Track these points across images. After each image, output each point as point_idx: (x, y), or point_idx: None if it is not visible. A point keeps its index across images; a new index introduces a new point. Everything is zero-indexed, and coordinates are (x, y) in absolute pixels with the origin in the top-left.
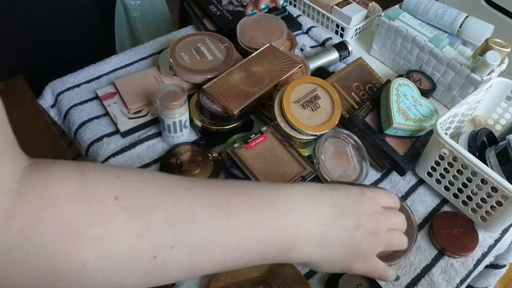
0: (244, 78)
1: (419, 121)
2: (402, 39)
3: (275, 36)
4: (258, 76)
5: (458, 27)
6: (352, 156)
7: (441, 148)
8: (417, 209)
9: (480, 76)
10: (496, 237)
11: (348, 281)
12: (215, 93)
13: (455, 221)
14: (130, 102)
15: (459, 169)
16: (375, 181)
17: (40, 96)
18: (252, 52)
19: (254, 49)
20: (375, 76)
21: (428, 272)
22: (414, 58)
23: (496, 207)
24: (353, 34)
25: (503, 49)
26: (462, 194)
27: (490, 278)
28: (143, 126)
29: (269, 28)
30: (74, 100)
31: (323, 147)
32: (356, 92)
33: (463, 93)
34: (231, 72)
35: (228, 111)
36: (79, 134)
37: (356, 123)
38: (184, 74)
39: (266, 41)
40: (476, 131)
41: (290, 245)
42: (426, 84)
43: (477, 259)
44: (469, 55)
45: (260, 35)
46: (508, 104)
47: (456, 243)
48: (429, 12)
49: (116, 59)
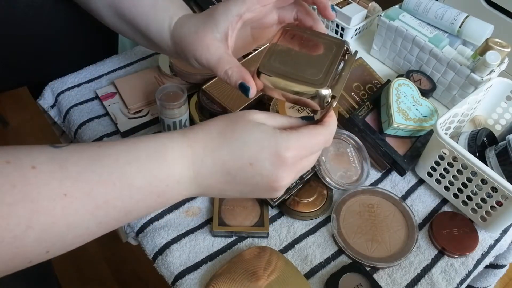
0: None
1: (419, 121)
2: (402, 39)
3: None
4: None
5: (458, 27)
6: (353, 157)
7: (441, 148)
8: (417, 209)
9: (480, 76)
10: (496, 237)
11: (348, 281)
12: (215, 93)
13: (455, 221)
14: (130, 102)
15: (459, 169)
16: (375, 181)
17: (40, 96)
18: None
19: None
20: (375, 76)
21: (428, 272)
22: (414, 58)
23: (496, 207)
24: (353, 34)
25: (503, 49)
26: (462, 194)
27: (490, 278)
28: (143, 126)
29: None
30: (74, 100)
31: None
32: (356, 92)
33: (463, 93)
34: None
35: (228, 111)
36: (79, 134)
37: (356, 123)
38: (184, 74)
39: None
40: (476, 131)
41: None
42: (426, 84)
43: (477, 259)
44: (469, 55)
45: None
46: (508, 104)
47: (456, 243)
48: (429, 12)
49: (116, 59)
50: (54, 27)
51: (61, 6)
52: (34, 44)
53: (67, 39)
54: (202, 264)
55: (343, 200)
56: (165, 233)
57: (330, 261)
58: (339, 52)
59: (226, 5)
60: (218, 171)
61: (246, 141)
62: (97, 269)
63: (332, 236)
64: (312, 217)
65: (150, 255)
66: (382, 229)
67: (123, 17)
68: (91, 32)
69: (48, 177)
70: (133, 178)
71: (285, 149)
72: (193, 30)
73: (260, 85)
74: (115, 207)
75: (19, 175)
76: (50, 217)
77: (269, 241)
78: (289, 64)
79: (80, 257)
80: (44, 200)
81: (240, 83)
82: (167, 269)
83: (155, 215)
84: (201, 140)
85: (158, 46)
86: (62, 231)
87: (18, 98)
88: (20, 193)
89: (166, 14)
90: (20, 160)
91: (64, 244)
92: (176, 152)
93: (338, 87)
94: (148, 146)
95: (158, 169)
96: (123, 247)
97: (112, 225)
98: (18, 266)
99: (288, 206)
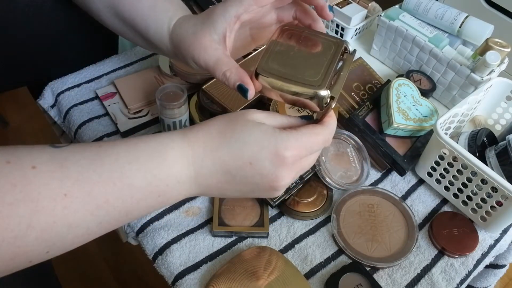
0: None
1: (419, 121)
2: (402, 39)
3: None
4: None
5: (458, 27)
6: (353, 157)
7: (441, 148)
8: (417, 209)
9: (480, 76)
10: (496, 237)
11: (348, 281)
12: (215, 93)
13: (455, 221)
14: (130, 102)
15: (459, 169)
16: (375, 181)
17: (40, 96)
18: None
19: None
20: (375, 76)
21: (428, 272)
22: (414, 58)
23: (496, 207)
24: (353, 34)
25: (503, 49)
26: (462, 194)
27: (490, 278)
28: (143, 126)
29: None
30: (74, 100)
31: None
32: (356, 92)
33: (463, 93)
34: None
35: (228, 111)
36: (79, 134)
37: (356, 123)
38: (184, 74)
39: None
40: (476, 131)
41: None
42: (426, 84)
43: (477, 259)
44: (469, 55)
45: None
46: (508, 104)
47: (456, 243)
48: (429, 12)
49: (116, 59)
50: (54, 27)
51: (61, 6)
52: (34, 44)
53: (67, 39)
54: (202, 264)
55: (343, 200)
56: (165, 233)
57: (330, 261)
58: (338, 51)
59: (224, 6)
60: (218, 171)
61: (246, 141)
62: (97, 269)
63: (332, 236)
64: (312, 217)
65: (150, 255)
66: (382, 229)
67: (122, 18)
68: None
69: (48, 177)
70: (133, 178)
71: (285, 149)
72: (191, 31)
73: (259, 86)
74: (115, 207)
75: (19, 175)
76: (51, 217)
77: (269, 241)
78: (287, 65)
79: (80, 257)
80: (44, 200)
81: (238, 84)
82: (167, 269)
83: (155, 215)
84: (201, 140)
85: (157, 48)
86: (62, 231)
87: (18, 98)
88: (20, 193)
89: (166, 15)
90: (21, 160)
91: (64, 244)
92: (177, 152)
93: (337, 87)
94: (148, 146)
95: (158, 168)
96: (123, 247)
97: (113, 225)
98: (18, 266)
99: (288, 206)
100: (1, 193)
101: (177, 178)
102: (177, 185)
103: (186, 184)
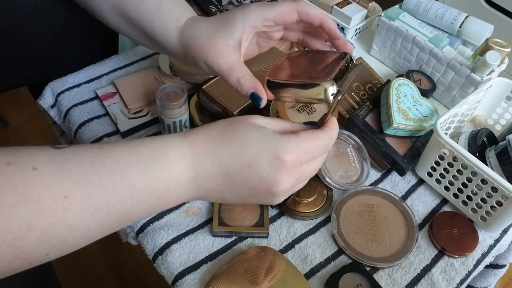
0: None
1: (419, 121)
2: (402, 39)
3: None
4: (258, 76)
5: (458, 27)
6: (353, 157)
7: (441, 148)
8: (417, 209)
9: (480, 76)
10: (496, 237)
11: (348, 281)
12: (215, 93)
13: (455, 221)
14: (130, 102)
15: (459, 169)
16: (375, 181)
17: (40, 96)
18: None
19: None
20: (375, 76)
21: (428, 272)
22: (414, 58)
23: (496, 207)
24: (353, 34)
25: (503, 49)
26: (462, 194)
27: (490, 278)
28: (143, 126)
29: None
30: (74, 100)
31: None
32: (356, 92)
33: (463, 93)
34: None
35: (228, 111)
36: (79, 134)
37: (356, 123)
38: (184, 74)
39: None
40: (476, 131)
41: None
42: (426, 84)
43: (477, 259)
44: (469, 55)
45: None
46: (508, 104)
47: (456, 243)
48: (429, 12)
49: (116, 59)
50: (54, 27)
51: (61, 6)
52: (34, 44)
53: (67, 39)
54: (202, 264)
55: (343, 200)
56: (165, 233)
57: (330, 261)
58: (342, 57)
59: (244, 14)
60: (217, 172)
61: (245, 142)
62: (97, 269)
63: (332, 236)
64: (312, 217)
65: (150, 255)
66: (382, 229)
67: (126, 17)
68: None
69: (49, 178)
70: (134, 179)
71: (284, 152)
72: (204, 33)
73: (271, 96)
74: (116, 208)
75: (20, 176)
76: (51, 219)
77: (269, 241)
78: (296, 68)
79: (80, 257)
80: (45, 201)
81: (252, 93)
82: (167, 269)
83: (155, 215)
84: (202, 141)
85: (163, 47)
86: (62, 232)
87: (18, 98)
88: (21, 194)
89: (172, 15)
90: (21, 161)
91: (64, 246)
92: (177, 153)
93: (343, 83)
94: (149, 148)
95: (159, 170)
96: (123, 247)
97: (113, 227)
98: (18, 268)
99: (288, 206)
100: (2, 194)
101: (177, 179)
102: (177, 187)
103: (185, 185)
